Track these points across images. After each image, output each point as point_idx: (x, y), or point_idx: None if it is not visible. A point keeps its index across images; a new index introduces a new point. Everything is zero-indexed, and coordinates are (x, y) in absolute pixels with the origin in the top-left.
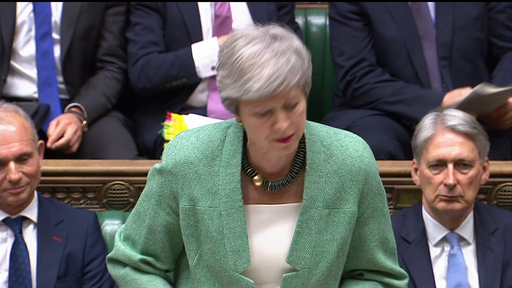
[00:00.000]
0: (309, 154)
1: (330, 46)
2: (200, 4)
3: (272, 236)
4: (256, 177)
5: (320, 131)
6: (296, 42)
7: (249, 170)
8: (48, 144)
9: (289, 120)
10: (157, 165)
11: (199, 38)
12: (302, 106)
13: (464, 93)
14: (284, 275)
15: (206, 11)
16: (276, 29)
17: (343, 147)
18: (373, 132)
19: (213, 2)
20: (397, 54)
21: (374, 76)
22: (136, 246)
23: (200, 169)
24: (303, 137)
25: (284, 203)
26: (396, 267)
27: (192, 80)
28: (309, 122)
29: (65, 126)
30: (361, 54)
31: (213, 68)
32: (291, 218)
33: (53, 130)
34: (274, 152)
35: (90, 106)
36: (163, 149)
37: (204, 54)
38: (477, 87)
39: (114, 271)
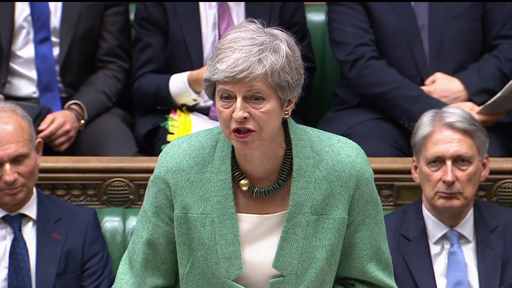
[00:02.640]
0: (296, 160)
1: (329, 31)
2: (203, 25)
3: (261, 243)
4: (242, 182)
5: (311, 136)
6: (284, 45)
7: (236, 174)
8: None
9: (248, 111)
10: (151, 176)
11: (200, 58)
12: (268, 105)
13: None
14: (271, 280)
15: (208, 32)
16: (277, 31)
17: (334, 152)
18: (370, 140)
19: (217, 24)
20: (396, 44)
21: (383, 63)
22: (134, 265)
23: (192, 176)
24: (290, 143)
25: (272, 210)
26: (387, 280)
27: (175, 107)
28: (300, 126)
29: (58, 125)
30: (366, 36)
31: (194, 100)
32: (280, 225)
33: (46, 125)
34: (237, 147)
35: (90, 104)
36: (165, 141)
37: (178, 89)
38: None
39: None
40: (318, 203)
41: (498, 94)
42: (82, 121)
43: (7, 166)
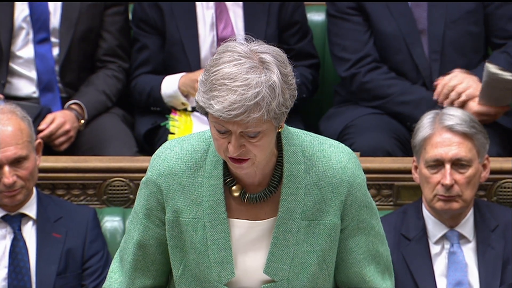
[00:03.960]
0: (287, 166)
1: (330, 42)
2: (200, 25)
3: (253, 248)
4: (234, 188)
5: (303, 140)
6: (276, 77)
7: (228, 180)
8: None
9: (243, 146)
10: (144, 178)
11: (197, 58)
12: (264, 136)
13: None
14: (263, 286)
15: (205, 32)
16: (267, 55)
17: (326, 157)
18: (371, 132)
19: (214, 25)
20: (396, 49)
21: (382, 73)
22: (124, 265)
23: (183, 181)
24: (281, 149)
25: (263, 215)
26: (384, 285)
27: (168, 108)
28: (292, 130)
29: (58, 125)
30: (364, 48)
31: (183, 104)
32: (271, 231)
33: (46, 125)
34: (232, 168)
35: (90, 103)
36: (166, 141)
37: (168, 91)
38: (486, 68)
39: None
40: (308, 209)
41: (483, 80)
42: (82, 121)
43: (6, 169)
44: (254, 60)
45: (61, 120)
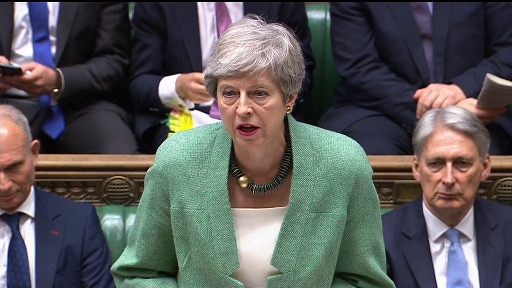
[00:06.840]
0: (296, 157)
1: (332, 41)
2: (201, 27)
3: (259, 238)
4: (242, 178)
5: (311, 133)
6: (286, 39)
7: (235, 170)
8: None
9: (251, 106)
10: (149, 168)
11: (198, 60)
12: (272, 100)
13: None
14: (269, 277)
15: (207, 34)
16: (278, 26)
17: (334, 150)
18: (372, 138)
19: (215, 26)
20: (397, 50)
21: (381, 73)
22: (132, 251)
23: (188, 171)
24: (290, 140)
25: (271, 207)
26: (385, 276)
27: (165, 110)
28: (300, 123)
29: (35, 73)
30: (364, 49)
31: (180, 105)
32: (278, 221)
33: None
34: (241, 144)
35: (72, 74)
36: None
37: (166, 92)
38: (487, 78)
39: (118, 285)
40: (317, 200)
41: (482, 89)
42: (56, 90)
43: (2, 175)
44: (265, 25)
45: (41, 69)
